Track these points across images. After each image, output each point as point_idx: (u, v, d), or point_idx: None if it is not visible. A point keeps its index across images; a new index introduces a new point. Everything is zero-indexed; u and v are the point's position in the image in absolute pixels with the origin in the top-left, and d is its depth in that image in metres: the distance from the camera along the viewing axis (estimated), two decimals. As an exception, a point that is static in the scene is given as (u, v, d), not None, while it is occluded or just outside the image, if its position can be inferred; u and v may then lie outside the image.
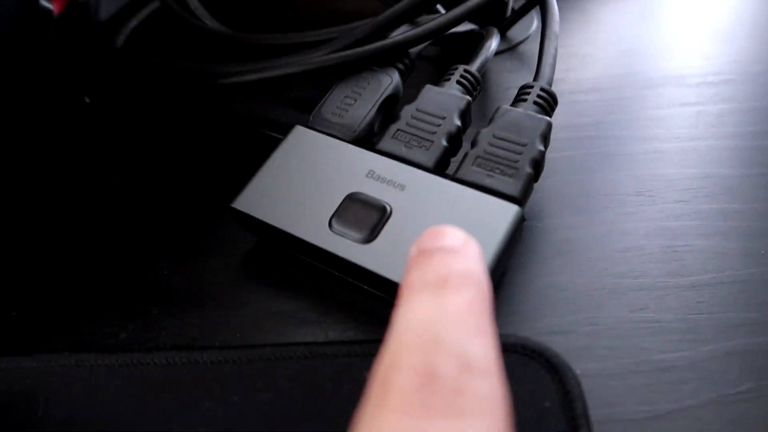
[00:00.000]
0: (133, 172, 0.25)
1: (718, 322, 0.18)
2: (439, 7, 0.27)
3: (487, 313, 0.11)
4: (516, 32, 0.31)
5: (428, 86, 0.22)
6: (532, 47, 0.30)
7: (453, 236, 0.13)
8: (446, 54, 0.29)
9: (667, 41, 0.30)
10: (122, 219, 0.23)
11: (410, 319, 0.11)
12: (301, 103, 0.27)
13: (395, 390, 0.10)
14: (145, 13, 0.28)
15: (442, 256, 0.12)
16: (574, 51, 0.29)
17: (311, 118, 0.21)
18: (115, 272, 0.22)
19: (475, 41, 0.27)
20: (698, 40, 0.30)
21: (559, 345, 0.18)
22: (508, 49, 0.30)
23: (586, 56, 0.29)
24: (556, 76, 0.25)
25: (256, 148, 0.25)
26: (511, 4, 0.29)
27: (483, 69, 0.24)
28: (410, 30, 0.22)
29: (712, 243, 0.20)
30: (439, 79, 0.23)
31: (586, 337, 0.18)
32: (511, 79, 0.28)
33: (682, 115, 0.25)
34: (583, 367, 0.17)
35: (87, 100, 0.24)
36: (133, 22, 0.28)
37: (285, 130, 0.23)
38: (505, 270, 0.20)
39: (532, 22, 0.31)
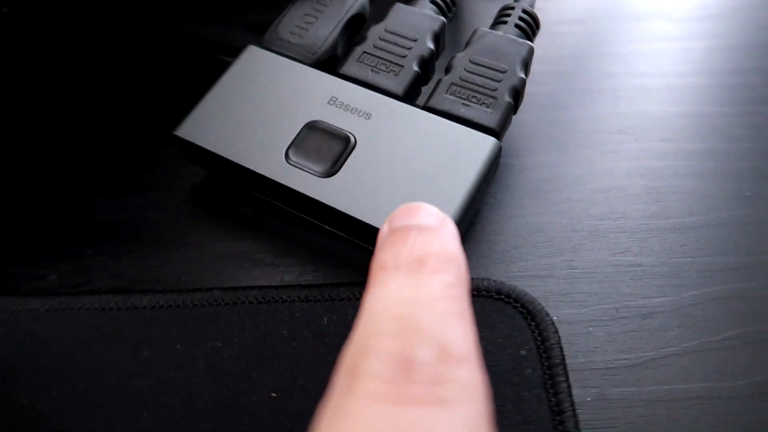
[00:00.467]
0: (62, 94, 0.22)
1: (702, 266, 0.17)
2: None
3: (466, 297, 0.11)
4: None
5: (398, 5, 0.19)
6: (510, -25, 0.28)
7: (428, 214, 0.12)
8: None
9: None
10: (51, 147, 0.21)
11: (384, 302, 0.10)
12: (258, 27, 0.24)
13: (367, 376, 0.09)
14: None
15: (417, 235, 0.11)
16: (555, -20, 0.27)
17: (266, 37, 0.19)
18: (42, 207, 0.19)
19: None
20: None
21: (535, 290, 0.17)
22: (484, -25, 0.28)
23: (567, -15, 0.27)
24: (536, 5, 0.23)
25: (206, 73, 0.22)
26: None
27: (459, -9, 0.21)
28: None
29: (697, 184, 0.19)
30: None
31: (564, 281, 0.17)
32: (485, 7, 0.26)
33: (669, 50, 0.24)
34: (560, 312, 0.16)
35: (5, 10, 0.20)
36: None
37: (238, 53, 0.21)
38: (479, 209, 0.18)
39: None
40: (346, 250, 0.18)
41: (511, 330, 0.15)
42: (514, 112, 0.18)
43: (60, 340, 0.16)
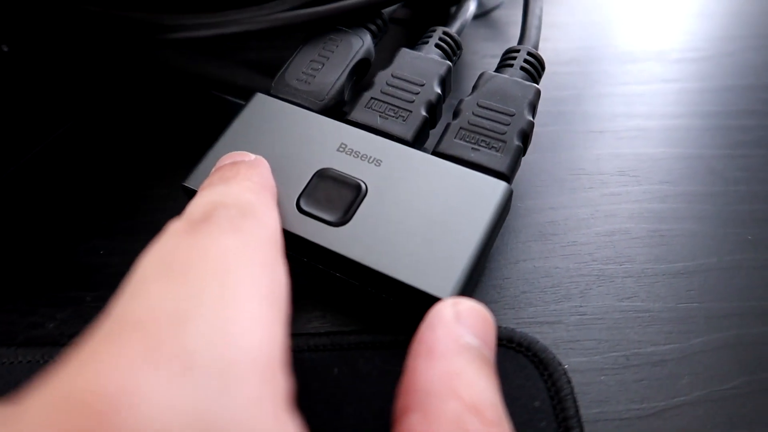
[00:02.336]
0: (62, 134, 0.22)
1: (709, 312, 0.17)
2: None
3: (268, 193, 0.15)
4: (490, -2, 0.29)
5: (404, 50, 0.20)
6: (506, 14, 0.28)
7: (246, 154, 0.16)
8: (418, 17, 0.27)
9: (646, 14, 0.29)
10: (50, 188, 0.20)
11: (198, 200, 0.13)
12: (260, 64, 0.24)
13: (173, 227, 0.12)
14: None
15: (234, 162, 0.16)
16: (552, 20, 0.28)
17: (273, 84, 0.19)
18: (39, 250, 0.19)
19: (448, 4, 0.25)
20: (677, 15, 0.29)
21: (545, 337, 0.17)
22: (482, 14, 0.28)
23: (565, 26, 0.28)
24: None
25: (208, 112, 0.22)
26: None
27: (462, 32, 0.22)
28: (385, -14, 0.20)
29: (699, 227, 0.19)
30: (414, 42, 0.21)
31: (573, 327, 0.17)
32: (486, 47, 0.26)
33: (664, 91, 0.24)
34: (571, 361, 0.16)
35: (5, 49, 0.20)
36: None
37: (242, 93, 0.21)
38: (491, 252, 0.18)
39: (506, -13, 0.29)
40: (354, 297, 0.18)
41: (524, 380, 0.15)
42: (524, 154, 0.18)
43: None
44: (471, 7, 0.22)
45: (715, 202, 0.20)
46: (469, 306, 0.13)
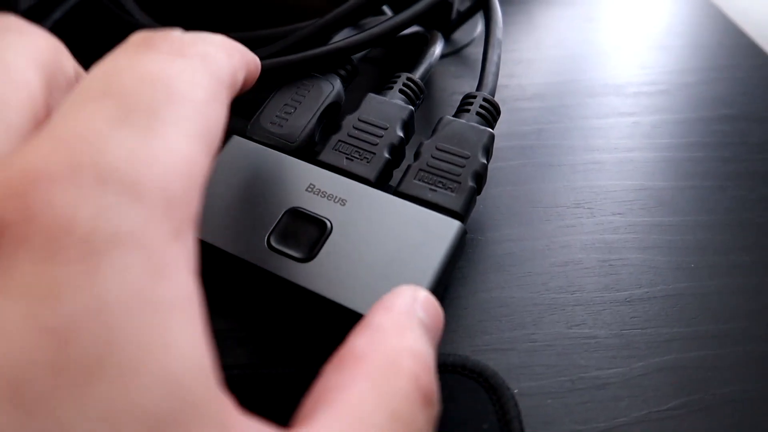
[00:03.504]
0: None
1: (651, 337, 0.19)
2: (385, 8, 0.26)
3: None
4: (461, 35, 0.30)
5: (370, 95, 0.21)
6: (477, 51, 0.30)
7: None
8: (389, 55, 0.29)
9: (608, 48, 0.30)
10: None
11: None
12: (236, 103, 0.26)
13: (130, 43, 0.12)
14: (69, 4, 0.26)
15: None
16: (519, 56, 0.29)
17: (249, 127, 0.20)
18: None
19: (419, 43, 0.27)
20: (636, 48, 0.30)
21: (499, 363, 0.18)
22: (453, 52, 0.30)
23: (529, 62, 0.29)
24: (500, 82, 0.25)
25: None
26: (456, 6, 0.29)
27: (427, 76, 0.23)
28: (354, 35, 0.22)
29: (646, 257, 0.21)
30: (381, 83, 0.22)
31: (525, 354, 0.18)
32: (456, 84, 0.28)
33: (620, 125, 0.26)
34: (521, 385, 0.18)
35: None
36: (57, 14, 0.26)
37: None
38: (448, 284, 0.20)
39: (477, 25, 0.31)
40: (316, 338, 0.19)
41: (474, 404, 0.17)
42: (478, 193, 0.20)
43: None
44: (436, 51, 0.24)
45: (663, 233, 0.22)
46: (427, 296, 0.14)
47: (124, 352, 0.08)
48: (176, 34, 0.12)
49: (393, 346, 0.12)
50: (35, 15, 0.26)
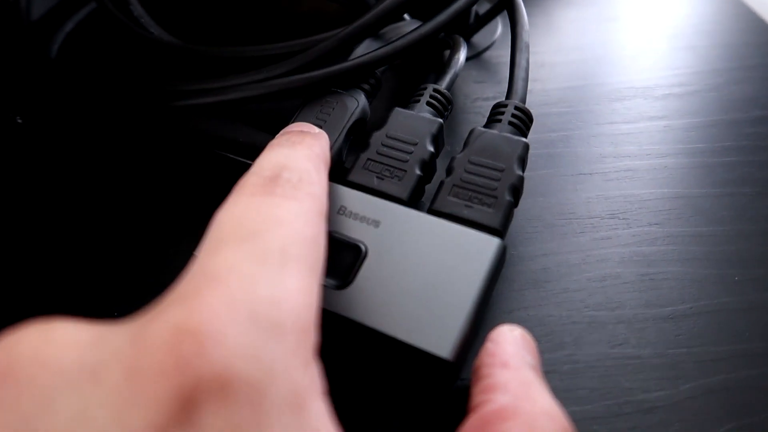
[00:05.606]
0: (74, 199, 0.23)
1: (697, 356, 0.18)
2: (405, 15, 0.25)
3: (324, 165, 0.17)
4: (480, 38, 0.30)
5: (397, 109, 0.20)
6: (497, 54, 0.29)
7: (312, 127, 0.19)
8: (408, 61, 0.28)
9: (631, 49, 0.30)
10: (63, 254, 0.21)
11: (270, 155, 0.16)
12: (258, 116, 0.25)
13: (246, 184, 0.14)
14: (82, 14, 0.26)
15: (300, 131, 0.18)
16: (542, 59, 0.29)
17: (274, 145, 0.20)
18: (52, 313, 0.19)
19: (440, 47, 0.26)
20: (661, 48, 0.29)
21: (541, 387, 0.17)
22: (474, 56, 0.29)
23: (552, 65, 0.28)
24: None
25: (213, 171, 0.23)
26: (474, 9, 0.28)
27: (452, 85, 0.22)
28: (378, 48, 0.21)
29: (687, 270, 0.20)
30: (402, 91, 0.22)
31: (567, 376, 0.18)
32: (478, 89, 0.27)
33: (651, 129, 0.25)
34: (566, 410, 0.17)
35: (19, 120, 0.21)
36: (69, 26, 0.25)
37: (244, 150, 0.22)
38: (488, 304, 0.19)
39: (496, 27, 0.30)
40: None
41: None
42: (515, 206, 0.19)
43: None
44: (461, 58, 0.23)
45: (702, 243, 0.21)
46: (522, 332, 0.16)
47: None
48: (285, 177, 0.15)
49: (528, 412, 0.13)
50: (47, 26, 0.26)
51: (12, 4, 0.25)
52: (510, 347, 0.15)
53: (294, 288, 0.12)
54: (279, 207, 0.14)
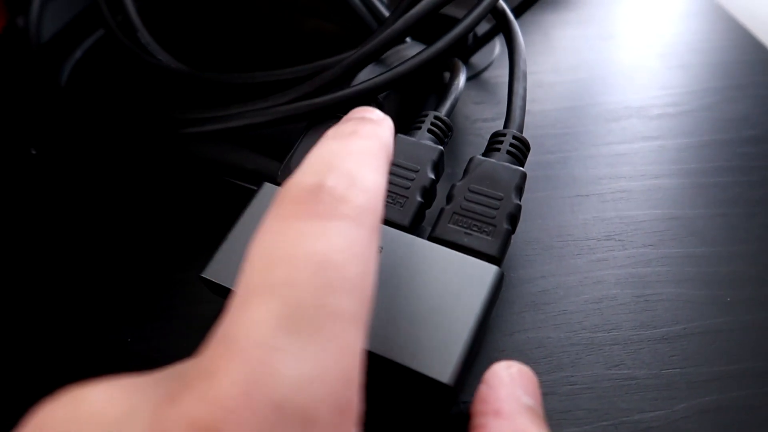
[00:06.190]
0: (88, 229, 0.23)
1: (691, 377, 0.19)
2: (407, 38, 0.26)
3: (384, 159, 0.14)
4: (479, 58, 0.30)
5: (399, 136, 0.21)
6: (496, 74, 0.30)
7: (374, 111, 0.16)
8: (413, 84, 0.28)
9: (627, 68, 0.30)
10: (76, 281, 0.22)
11: (315, 155, 0.13)
12: (263, 141, 0.26)
13: (282, 201, 0.12)
14: (90, 41, 0.26)
15: (360, 118, 0.15)
16: (539, 79, 0.29)
17: (280, 173, 0.20)
18: (60, 340, 0.20)
19: (439, 68, 0.27)
20: (655, 67, 0.30)
21: (540, 408, 0.18)
22: (473, 76, 0.30)
23: (550, 86, 0.29)
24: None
25: (220, 198, 0.24)
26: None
27: (453, 111, 0.23)
28: (380, 74, 0.22)
29: (681, 291, 0.21)
30: (408, 122, 0.22)
31: (565, 397, 0.18)
32: (477, 110, 0.28)
33: (645, 150, 0.26)
34: (564, 431, 0.18)
35: (33, 151, 0.21)
36: (78, 53, 0.25)
37: (251, 177, 0.22)
38: (487, 328, 0.20)
39: (494, 47, 0.31)
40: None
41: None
42: (513, 233, 0.20)
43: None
44: (461, 83, 0.24)
45: (695, 264, 0.22)
46: (519, 368, 0.15)
47: None
48: (330, 186, 0.12)
49: None
50: (56, 51, 0.27)
51: (22, 30, 0.26)
52: (503, 391, 0.15)
53: (330, 361, 0.10)
54: (318, 238, 0.11)
